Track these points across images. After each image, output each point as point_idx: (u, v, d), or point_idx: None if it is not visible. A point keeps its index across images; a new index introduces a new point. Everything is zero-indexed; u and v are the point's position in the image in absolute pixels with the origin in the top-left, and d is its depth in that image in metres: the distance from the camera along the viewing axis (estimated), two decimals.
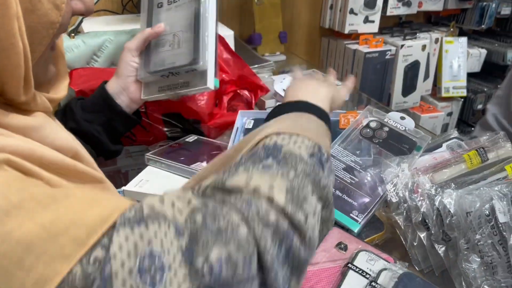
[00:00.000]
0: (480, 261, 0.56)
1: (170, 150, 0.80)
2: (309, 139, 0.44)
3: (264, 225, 0.35)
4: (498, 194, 0.55)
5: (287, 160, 0.41)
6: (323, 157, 0.44)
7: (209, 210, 0.35)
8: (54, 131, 0.43)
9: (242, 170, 0.40)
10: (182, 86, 0.74)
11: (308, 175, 0.41)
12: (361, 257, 0.58)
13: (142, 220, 0.33)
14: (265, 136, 0.45)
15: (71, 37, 0.87)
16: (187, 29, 0.73)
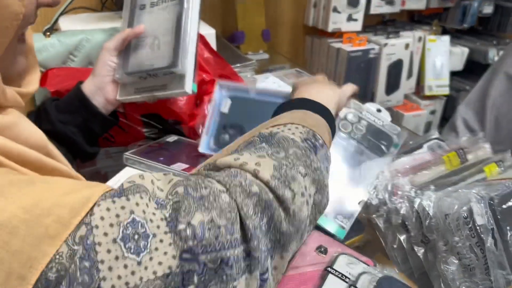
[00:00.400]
0: (458, 263, 0.56)
1: (150, 150, 0.78)
2: (304, 126, 0.46)
3: (246, 195, 0.37)
4: (476, 197, 0.55)
5: (279, 143, 0.43)
6: (317, 142, 0.45)
7: (191, 182, 0.37)
8: (28, 128, 0.42)
9: (235, 153, 0.42)
10: (159, 88, 0.73)
11: (300, 157, 0.42)
12: (340, 260, 0.57)
13: (123, 192, 0.34)
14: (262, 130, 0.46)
15: (46, 36, 0.85)
16: (168, 32, 0.71)
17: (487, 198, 0.55)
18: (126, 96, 0.74)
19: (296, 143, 0.43)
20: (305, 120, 0.48)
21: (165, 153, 0.77)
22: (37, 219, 0.31)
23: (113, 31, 0.90)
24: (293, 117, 0.49)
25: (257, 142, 0.44)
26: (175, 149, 0.80)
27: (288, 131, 0.44)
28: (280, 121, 0.47)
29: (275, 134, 0.44)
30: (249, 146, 0.44)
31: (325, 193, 0.45)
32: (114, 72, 0.73)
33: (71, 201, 0.32)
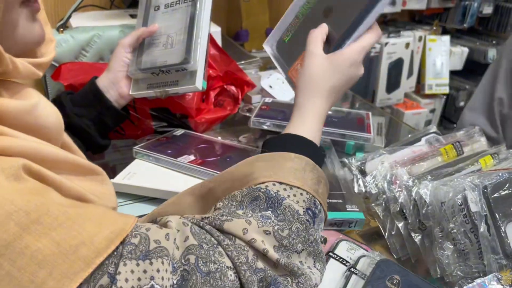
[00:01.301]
0: (453, 248, 0.59)
1: (158, 144, 0.82)
2: (307, 192, 0.47)
3: (252, 271, 0.39)
4: (470, 185, 0.58)
5: (285, 215, 0.44)
6: (316, 209, 0.48)
7: (202, 253, 0.39)
8: (46, 108, 0.43)
9: (241, 213, 0.43)
10: (171, 84, 0.76)
11: (300, 233, 0.44)
12: (341, 246, 0.60)
13: (148, 255, 0.37)
14: (268, 180, 0.47)
15: (59, 32, 0.88)
16: (181, 32, 0.75)
17: (481, 187, 0.58)
18: (138, 91, 0.77)
19: (299, 217, 0.45)
20: (307, 179, 0.49)
21: (172, 146, 0.81)
22: (65, 255, 0.33)
23: (124, 28, 0.93)
24: (296, 174, 0.48)
25: (263, 203, 0.44)
26: (182, 142, 0.83)
27: (294, 198, 0.46)
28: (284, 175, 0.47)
29: (281, 201, 0.45)
30: (255, 206, 0.44)
31: (323, 259, 0.47)
32: (127, 68, 0.77)
33: (97, 240, 0.35)
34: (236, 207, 0.45)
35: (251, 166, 0.49)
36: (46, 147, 0.41)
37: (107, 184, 0.51)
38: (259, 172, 0.48)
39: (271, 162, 0.50)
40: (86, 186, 0.46)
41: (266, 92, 1.07)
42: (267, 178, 0.47)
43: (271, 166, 0.49)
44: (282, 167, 0.49)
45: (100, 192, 0.48)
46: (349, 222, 0.64)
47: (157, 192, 0.71)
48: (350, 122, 0.89)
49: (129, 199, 0.73)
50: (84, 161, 0.47)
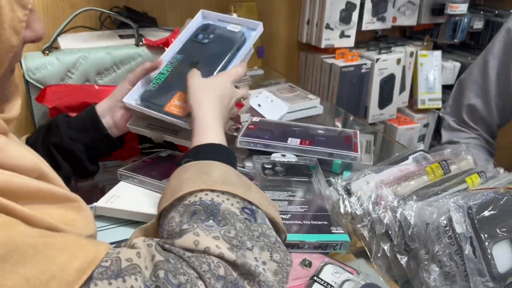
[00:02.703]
0: (440, 271, 0.58)
1: (143, 165, 0.81)
2: (239, 196, 0.49)
3: (215, 279, 0.40)
4: (454, 206, 0.57)
5: (226, 219, 0.46)
6: (253, 206, 0.49)
7: (170, 266, 0.40)
8: (17, 151, 0.44)
9: (187, 227, 0.45)
10: (169, 133, 0.76)
11: (244, 231, 0.46)
12: (326, 269, 0.59)
13: (120, 273, 0.37)
14: (200, 189, 0.48)
15: (45, 54, 0.88)
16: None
17: (466, 207, 0.57)
18: (136, 127, 0.77)
19: (238, 217, 0.47)
20: (235, 183, 0.51)
21: (158, 168, 0.80)
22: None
23: (110, 49, 0.93)
24: (224, 179, 0.51)
25: (203, 214, 0.46)
26: (167, 164, 0.83)
27: (228, 202, 0.48)
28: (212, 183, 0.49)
29: (218, 206, 0.47)
30: (197, 220, 0.46)
31: (280, 248, 0.47)
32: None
33: (67, 273, 0.35)
34: (179, 226, 0.46)
35: (179, 179, 0.51)
36: (16, 179, 0.41)
37: (84, 210, 0.51)
38: (187, 184, 0.49)
39: (198, 173, 0.52)
40: (60, 215, 0.45)
41: (255, 111, 1.06)
42: (197, 187, 0.49)
43: (199, 177, 0.51)
44: (210, 175, 0.51)
45: (75, 220, 0.48)
46: (334, 245, 0.63)
47: (141, 216, 0.70)
48: (337, 141, 0.89)
49: (113, 223, 0.72)
50: (58, 189, 0.46)
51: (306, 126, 0.97)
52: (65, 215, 0.46)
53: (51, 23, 1.26)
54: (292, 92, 1.24)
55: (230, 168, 0.54)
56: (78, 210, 0.49)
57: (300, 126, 0.97)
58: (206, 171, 0.52)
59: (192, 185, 0.49)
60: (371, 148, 0.93)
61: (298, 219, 0.66)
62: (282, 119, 1.07)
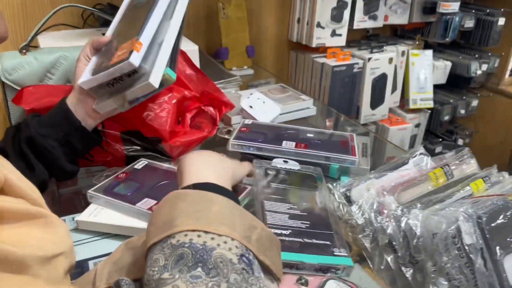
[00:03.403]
0: (448, 284, 0.54)
1: (116, 183, 0.73)
2: (239, 242, 0.42)
3: None
4: (464, 215, 0.53)
5: (218, 268, 0.38)
6: (250, 255, 0.42)
7: None
8: None
9: (167, 277, 0.37)
10: (129, 87, 0.72)
11: (240, 284, 0.38)
12: (329, 285, 0.55)
13: None
14: (192, 229, 0.41)
15: (22, 54, 0.82)
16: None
17: (475, 217, 0.53)
18: (101, 103, 0.73)
19: (235, 266, 0.39)
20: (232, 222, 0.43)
21: (132, 185, 0.73)
22: None
23: None
24: (218, 217, 0.43)
25: (190, 260, 0.39)
26: (143, 179, 0.75)
27: (225, 245, 0.40)
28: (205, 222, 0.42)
29: (210, 251, 0.39)
30: (182, 267, 0.38)
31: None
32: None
33: None
34: (160, 272, 0.39)
35: (173, 208, 0.44)
36: None
37: (54, 226, 0.45)
38: (181, 219, 0.42)
39: (195, 206, 0.44)
40: (21, 234, 0.40)
41: (246, 113, 1.02)
42: (190, 226, 0.41)
43: (195, 211, 0.43)
44: (208, 211, 0.43)
45: (39, 238, 0.42)
46: (336, 269, 0.58)
47: (126, 230, 0.66)
48: (334, 145, 0.85)
49: (96, 235, 0.67)
50: (18, 206, 0.40)
51: (301, 129, 0.93)
52: (26, 234, 0.40)
53: (30, 21, 1.20)
54: (284, 92, 1.20)
55: (232, 203, 0.46)
56: (44, 227, 0.43)
57: (294, 129, 0.93)
58: (204, 206, 0.44)
59: (185, 222, 0.42)
60: (367, 151, 0.90)
61: (299, 236, 0.60)
62: (274, 121, 1.03)
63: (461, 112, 1.96)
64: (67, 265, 0.44)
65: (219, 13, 1.39)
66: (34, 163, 0.69)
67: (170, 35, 0.76)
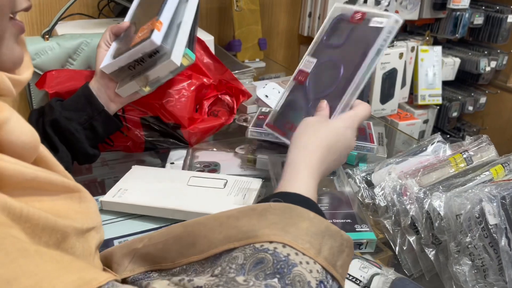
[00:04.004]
0: (471, 264, 0.55)
1: None
2: (322, 267, 0.40)
3: None
4: (488, 196, 0.54)
5: (293, 285, 0.36)
6: (328, 283, 0.39)
7: None
8: (19, 124, 0.39)
9: (241, 282, 0.35)
10: (151, 68, 0.72)
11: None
12: (354, 264, 0.56)
13: None
14: (278, 241, 0.39)
15: (45, 39, 0.83)
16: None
17: (499, 197, 0.54)
18: (122, 87, 0.74)
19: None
20: (322, 249, 0.41)
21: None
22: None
23: None
24: (308, 237, 0.41)
25: (269, 267, 0.37)
26: None
27: (307, 266, 0.38)
28: (295, 237, 0.40)
29: (292, 267, 0.37)
30: (259, 272, 0.37)
31: None
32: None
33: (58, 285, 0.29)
34: (237, 271, 0.37)
35: (259, 217, 0.42)
36: (13, 166, 0.35)
37: (87, 201, 0.46)
38: (268, 230, 0.40)
39: (283, 218, 0.42)
40: (58, 206, 0.41)
41: (261, 102, 1.03)
42: (277, 238, 0.39)
43: (282, 223, 0.41)
44: (296, 226, 0.41)
45: (75, 211, 0.43)
46: (359, 244, 0.59)
47: (150, 210, 0.66)
48: None
49: (120, 216, 0.68)
50: (58, 178, 0.41)
51: None
52: (63, 206, 0.41)
53: (47, 9, 1.20)
54: None
55: (325, 223, 0.43)
56: (78, 201, 0.44)
57: None
58: (295, 221, 0.42)
59: (272, 233, 0.40)
60: (383, 140, 0.90)
61: None
62: None
63: (469, 108, 1.96)
64: (97, 240, 0.45)
65: (232, 6, 1.40)
66: (58, 145, 0.70)
67: (188, 17, 0.77)
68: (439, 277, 0.58)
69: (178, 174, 0.76)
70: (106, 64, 0.72)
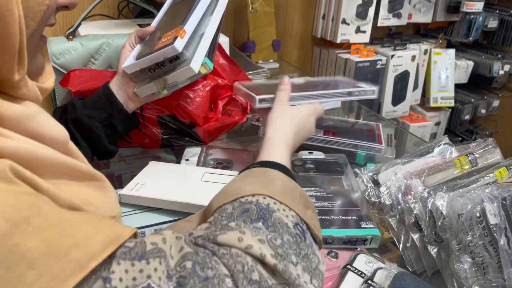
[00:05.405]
0: (472, 261, 0.57)
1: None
2: (295, 213, 0.47)
3: (247, 281, 0.37)
4: (489, 196, 0.56)
5: (275, 226, 0.43)
6: (303, 227, 0.47)
7: (199, 259, 0.38)
8: (49, 120, 0.43)
9: (233, 226, 0.42)
10: (170, 72, 0.76)
11: (291, 245, 0.43)
12: (359, 259, 0.59)
13: (144, 255, 0.35)
14: (259, 193, 0.47)
15: (69, 40, 0.87)
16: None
17: (500, 198, 0.56)
18: (141, 87, 0.77)
19: (289, 230, 0.44)
20: (294, 199, 0.48)
21: None
22: (56, 257, 0.31)
23: None
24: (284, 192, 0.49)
25: (254, 215, 0.44)
26: None
27: (283, 212, 0.45)
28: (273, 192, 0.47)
29: (272, 213, 0.44)
30: (246, 218, 0.43)
31: (319, 277, 0.44)
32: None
33: (91, 244, 0.33)
34: (228, 219, 0.44)
35: (242, 181, 0.50)
36: (43, 150, 0.40)
37: (109, 191, 0.50)
38: (249, 186, 0.48)
39: (261, 179, 0.50)
40: (85, 192, 0.45)
41: None
42: (258, 191, 0.47)
43: (261, 182, 0.49)
44: (272, 184, 0.49)
45: (100, 199, 0.47)
46: (364, 240, 0.62)
47: (168, 203, 0.69)
48: (361, 133, 0.88)
49: (137, 208, 0.71)
50: (84, 166, 0.45)
51: (327, 118, 0.96)
52: (88, 194, 0.46)
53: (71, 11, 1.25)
54: None
55: (293, 183, 0.52)
56: (102, 190, 0.48)
57: None
58: (270, 179, 0.50)
59: (253, 188, 0.48)
60: (392, 142, 0.93)
61: (326, 215, 0.65)
62: None
63: (482, 112, 1.97)
64: None
65: (247, 7, 1.43)
66: (79, 141, 0.74)
67: (210, 29, 0.81)
68: (441, 273, 0.61)
69: (192, 170, 0.79)
70: (128, 64, 0.76)
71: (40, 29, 0.44)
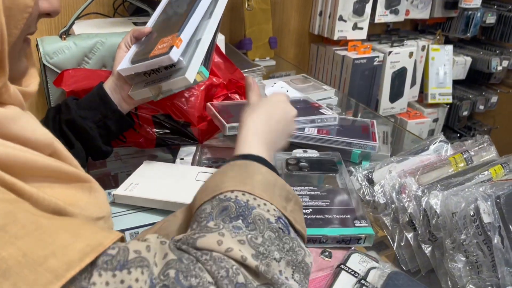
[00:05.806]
0: (466, 260, 0.57)
1: None
2: (276, 207, 0.46)
3: (234, 285, 0.37)
4: (483, 195, 0.56)
5: (256, 223, 0.43)
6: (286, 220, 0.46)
7: (183, 266, 0.37)
8: (31, 124, 0.42)
9: (212, 226, 0.41)
10: (165, 79, 0.75)
11: (273, 241, 0.42)
12: (353, 258, 0.59)
13: (126, 264, 0.34)
14: (238, 190, 0.45)
15: (62, 39, 0.87)
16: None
17: (494, 197, 0.56)
18: (136, 91, 0.77)
19: (271, 226, 0.43)
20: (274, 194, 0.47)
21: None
22: (32, 266, 0.30)
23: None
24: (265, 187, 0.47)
25: (233, 213, 0.43)
26: None
27: (264, 207, 0.45)
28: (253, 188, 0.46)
29: (251, 209, 0.44)
30: (225, 216, 0.43)
31: (303, 269, 0.44)
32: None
33: (69, 253, 0.32)
34: (206, 219, 0.43)
35: (222, 176, 0.49)
36: (24, 154, 0.39)
37: (96, 191, 0.49)
38: (228, 182, 0.47)
39: (240, 172, 0.49)
40: (70, 194, 0.44)
41: None
42: (237, 187, 0.46)
43: (240, 177, 0.48)
44: (251, 178, 0.48)
45: (86, 201, 0.46)
46: (357, 238, 0.62)
47: (161, 203, 0.69)
48: (355, 130, 0.88)
49: (131, 208, 0.71)
50: (68, 168, 0.45)
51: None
52: (74, 195, 0.45)
53: (64, 9, 1.25)
54: (306, 82, 1.23)
55: (275, 176, 0.50)
56: (89, 191, 0.48)
57: None
58: (250, 174, 0.49)
59: (232, 184, 0.46)
60: (388, 139, 0.92)
61: (320, 214, 0.65)
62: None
63: (480, 108, 1.96)
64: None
65: (243, 5, 1.43)
66: (73, 142, 0.73)
67: (208, 34, 0.79)
68: (435, 272, 0.61)
69: (187, 169, 0.79)
70: (124, 67, 0.75)
71: (22, 36, 0.43)
